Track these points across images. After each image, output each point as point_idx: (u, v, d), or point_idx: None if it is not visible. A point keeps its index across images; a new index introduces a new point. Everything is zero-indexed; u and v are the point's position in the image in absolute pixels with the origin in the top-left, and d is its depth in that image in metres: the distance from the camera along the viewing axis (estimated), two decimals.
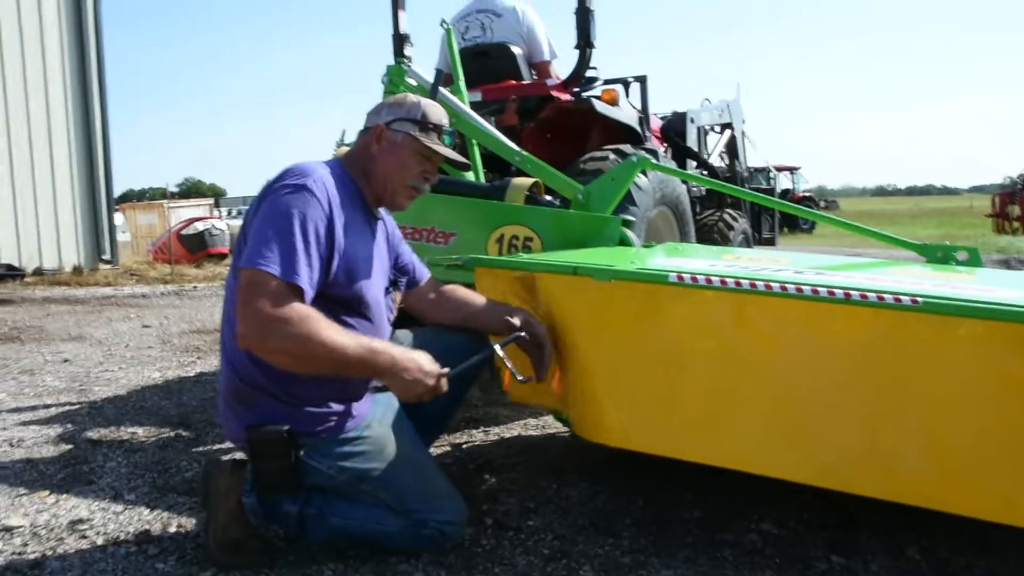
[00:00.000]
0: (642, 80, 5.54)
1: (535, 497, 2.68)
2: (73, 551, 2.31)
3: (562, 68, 5.00)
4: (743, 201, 6.59)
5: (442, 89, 3.79)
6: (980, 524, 1.93)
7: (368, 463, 2.19)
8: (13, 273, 11.49)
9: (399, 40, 4.12)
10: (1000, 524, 1.90)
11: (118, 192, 17.07)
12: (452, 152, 2.34)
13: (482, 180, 4.04)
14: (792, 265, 2.70)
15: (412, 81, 3.92)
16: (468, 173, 3.94)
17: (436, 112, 2.33)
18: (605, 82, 5.23)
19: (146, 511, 2.61)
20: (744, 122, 7.17)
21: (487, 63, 4.82)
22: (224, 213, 28.53)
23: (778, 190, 24.07)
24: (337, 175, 2.22)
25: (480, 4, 5.02)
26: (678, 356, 2.22)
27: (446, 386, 2.17)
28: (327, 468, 2.17)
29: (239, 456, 2.35)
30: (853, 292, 1.94)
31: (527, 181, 3.56)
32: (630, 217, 3.54)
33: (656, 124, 5.80)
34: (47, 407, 4.05)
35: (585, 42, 4.53)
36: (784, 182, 28.45)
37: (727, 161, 7.00)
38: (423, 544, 2.23)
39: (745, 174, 7.27)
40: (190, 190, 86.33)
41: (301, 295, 1.99)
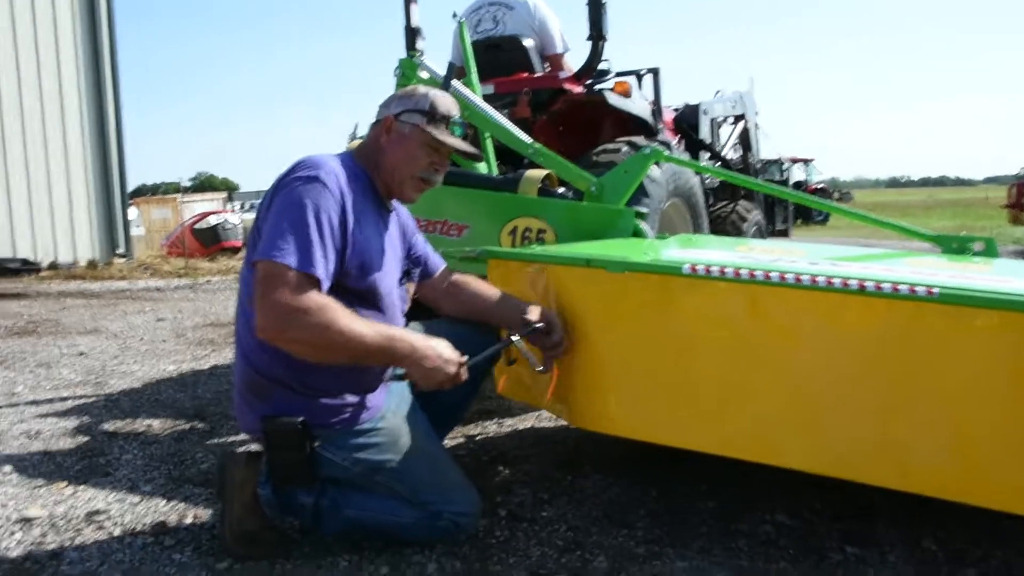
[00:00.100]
0: (655, 72, 5.52)
1: (549, 488, 2.69)
2: (91, 542, 2.33)
3: (574, 60, 4.99)
4: (756, 193, 6.56)
5: (455, 82, 3.79)
6: (996, 515, 1.93)
7: (382, 455, 2.19)
8: (29, 267, 11.58)
9: (411, 34, 4.12)
10: (1016, 515, 1.89)
11: (132, 187, 17.16)
12: (461, 143, 2.33)
13: (495, 172, 4.04)
14: (806, 256, 2.69)
15: (424, 74, 3.92)
16: (481, 165, 3.94)
17: (445, 103, 2.31)
18: (617, 74, 5.21)
19: (162, 502, 2.62)
20: (757, 114, 7.13)
21: (499, 56, 4.81)
22: (237, 207, 28.58)
23: (791, 182, 23.95)
24: (349, 167, 2.22)
25: None
26: (692, 347, 2.22)
27: (466, 374, 2.17)
28: (342, 460, 2.17)
29: (254, 448, 2.36)
30: (868, 283, 1.93)
31: (540, 173, 3.56)
32: (643, 209, 3.53)
33: (669, 116, 5.78)
34: (63, 400, 4.08)
35: (597, 34, 4.52)
36: (797, 174, 28.29)
37: (740, 153, 6.97)
38: (437, 535, 2.23)
39: (758, 166, 7.24)
40: (203, 184, 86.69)
41: (318, 285, 2.00)
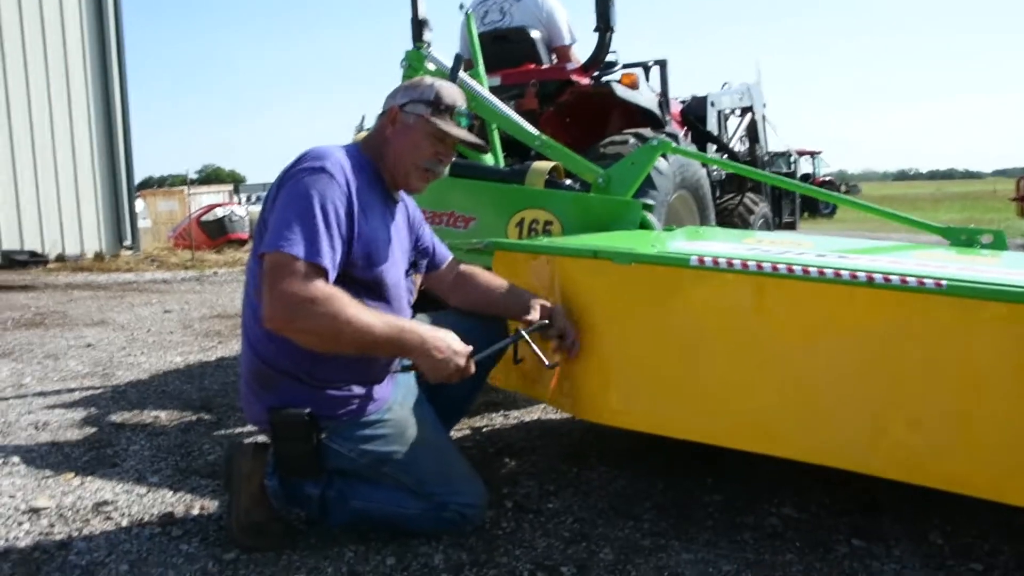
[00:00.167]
0: (662, 64, 5.51)
1: (555, 480, 2.69)
2: (98, 532, 2.34)
3: (581, 52, 4.98)
4: (763, 185, 6.55)
5: (462, 73, 3.78)
6: (1003, 510, 1.92)
7: (389, 446, 2.19)
8: (36, 259, 11.63)
9: (418, 25, 4.11)
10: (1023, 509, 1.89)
11: (138, 179, 17.21)
12: (466, 133, 2.31)
13: (502, 164, 4.03)
14: (814, 248, 2.67)
15: (431, 66, 3.91)
16: (488, 157, 3.94)
17: (450, 94, 2.29)
18: (625, 66, 5.21)
19: (169, 493, 2.63)
20: (765, 105, 7.11)
21: (506, 47, 4.81)
22: (243, 199, 28.65)
23: (799, 174, 23.85)
24: (355, 157, 2.22)
25: None
26: (698, 339, 2.21)
27: (474, 367, 2.17)
28: (348, 451, 2.17)
29: (261, 439, 2.37)
30: (876, 275, 1.92)
31: (547, 165, 3.55)
32: (650, 201, 3.53)
33: (676, 108, 5.77)
34: (71, 391, 4.09)
35: (605, 26, 4.51)
36: (805, 166, 28.19)
37: (747, 145, 6.96)
38: (444, 527, 2.23)
39: (765, 158, 7.22)
40: (210, 177, 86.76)
41: (325, 275, 1.99)
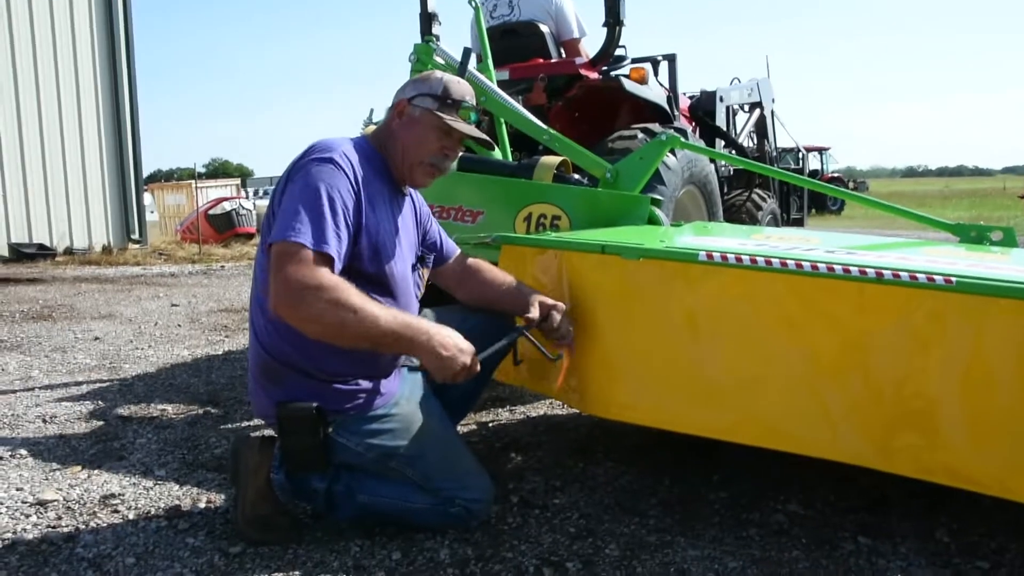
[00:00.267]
0: (671, 59, 5.49)
1: (561, 476, 2.68)
2: (105, 525, 2.34)
3: (590, 46, 4.97)
4: (772, 181, 6.53)
5: (470, 67, 3.77)
6: (1011, 508, 1.91)
7: (396, 441, 2.19)
8: (44, 253, 11.66)
9: (427, 19, 4.11)
10: None
11: (146, 172, 17.20)
12: (472, 128, 2.29)
13: (510, 159, 4.02)
14: (822, 245, 2.66)
15: (440, 59, 3.90)
16: (496, 152, 3.93)
17: (459, 89, 2.28)
18: (634, 61, 5.19)
19: (176, 487, 2.63)
20: (774, 101, 7.09)
21: (515, 41, 4.79)
22: (251, 193, 28.67)
23: (807, 171, 23.77)
24: (363, 150, 2.21)
25: None
26: (706, 334, 2.21)
27: (479, 367, 2.16)
28: (355, 445, 2.17)
29: (268, 433, 2.37)
30: (886, 272, 1.92)
31: (555, 160, 3.54)
32: (658, 196, 3.52)
33: (685, 103, 5.75)
34: (78, 384, 4.10)
35: (614, 20, 4.49)
36: (813, 162, 28.08)
37: (756, 141, 6.93)
38: (450, 522, 2.23)
39: (774, 154, 7.20)
40: (217, 170, 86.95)
41: (332, 264, 1.99)
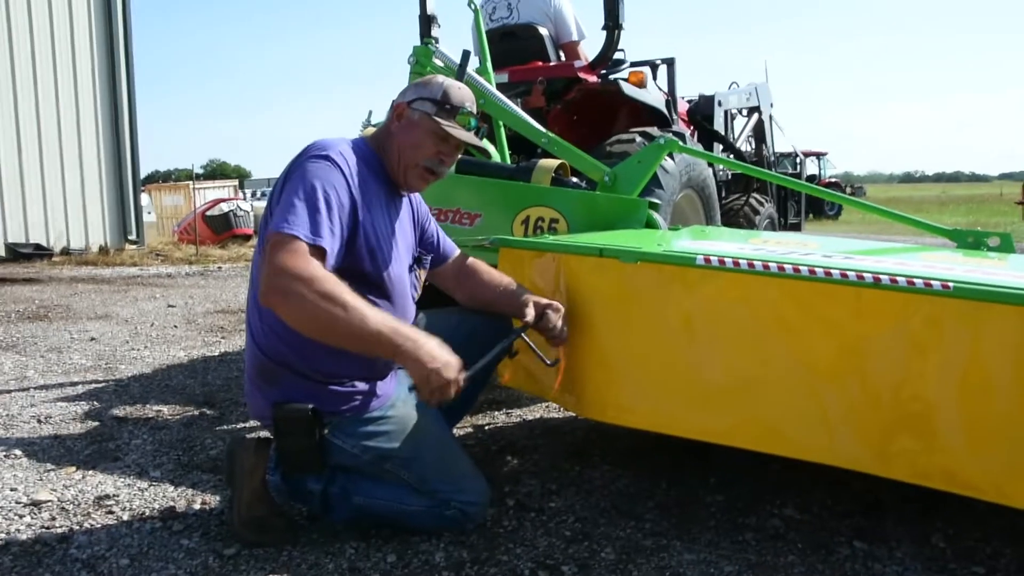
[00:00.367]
0: (670, 62, 5.50)
1: (557, 479, 2.68)
2: (99, 526, 2.34)
3: (589, 50, 4.97)
4: (769, 186, 6.54)
5: (470, 71, 3.77)
6: (1007, 513, 1.91)
7: (392, 443, 2.18)
8: (41, 253, 11.66)
9: (426, 21, 4.11)
10: None
11: (144, 173, 17.21)
12: (469, 135, 2.28)
13: (508, 162, 4.02)
14: (820, 249, 2.66)
15: (439, 62, 3.90)
16: (494, 154, 3.93)
17: (458, 95, 2.27)
18: (632, 64, 5.19)
19: (171, 488, 2.63)
20: (772, 105, 7.11)
21: (514, 44, 4.80)
22: (248, 194, 28.63)
23: (804, 175, 23.82)
24: (360, 150, 2.22)
25: None
26: (703, 338, 2.21)
27: (462, 383, 2.05)
28: (351, 447, 2.17)
29: (263, 434, 2.36)
30: (883, 276, 1.91)
31: (553, 163, 3.54)
32: (656, 200, 3.52)
33: (683, 107, 5.76)
34: (74, 384, 4.09)
35: (613, 23, 4.49)
36: (811, 167, 28.12)
37: (754, 145, 6.95)
38: (445, 524, 2.23)
39: (772, 158, 7.22)
40: (215, 171, 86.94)
41: (324, 258, 1.98)
